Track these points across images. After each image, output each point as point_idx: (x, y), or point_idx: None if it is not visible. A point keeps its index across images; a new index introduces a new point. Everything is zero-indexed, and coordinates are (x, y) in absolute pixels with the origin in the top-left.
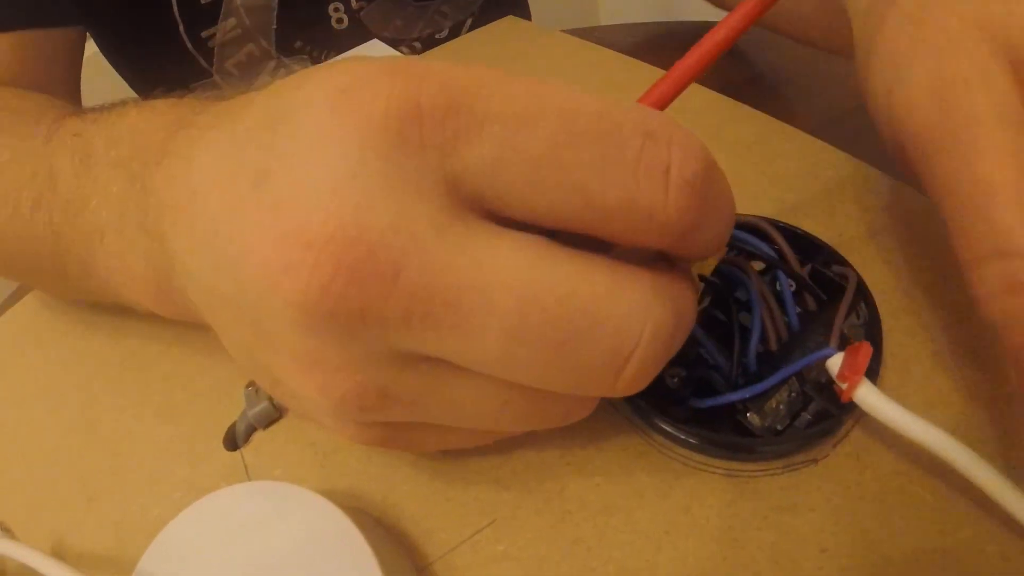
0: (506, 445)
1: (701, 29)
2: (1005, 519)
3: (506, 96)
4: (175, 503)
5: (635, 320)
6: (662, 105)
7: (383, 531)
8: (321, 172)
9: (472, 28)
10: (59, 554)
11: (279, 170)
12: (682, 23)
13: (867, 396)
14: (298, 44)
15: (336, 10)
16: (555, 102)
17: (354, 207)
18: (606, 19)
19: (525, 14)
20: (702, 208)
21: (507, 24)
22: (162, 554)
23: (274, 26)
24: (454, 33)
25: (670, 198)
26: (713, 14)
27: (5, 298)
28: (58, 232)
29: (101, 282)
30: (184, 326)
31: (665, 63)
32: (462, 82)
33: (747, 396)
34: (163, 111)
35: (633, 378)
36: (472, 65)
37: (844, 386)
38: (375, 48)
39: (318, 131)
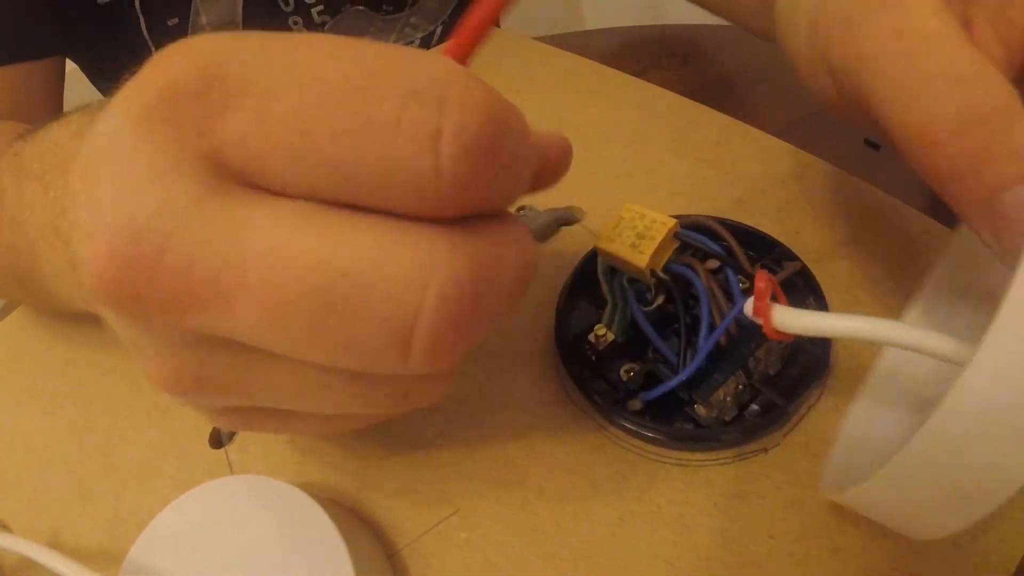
0: (471, 440)
1: (686, 32)
2: None
3: (260, 65)
4: (164, 499)
5: (413, 282)
6: (465, 55)
7: (355, 520)
8: (106, 165)
9: (443, 37)
10: (54, 548)
11: (89, 166)
12: (666, 26)
13: (784, 316)
14: None
15: (296, 23)
16: (309, 65)
17: (128, 195)
18: (591, 23)
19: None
20: (486, 173)
21: None
22: (150, 545)
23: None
24: (425, 43)
25: (442, 168)
26: (699, 16)
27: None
28: (12, 247)
29: (49, 290)
30: None
31: (648, 67)
32: (219, 56)
33: (684, 379)
34: (76, 120)
35: (427, 350)
36: (240, 33)
37: (761, 320)
38: None
39: (114, 119)
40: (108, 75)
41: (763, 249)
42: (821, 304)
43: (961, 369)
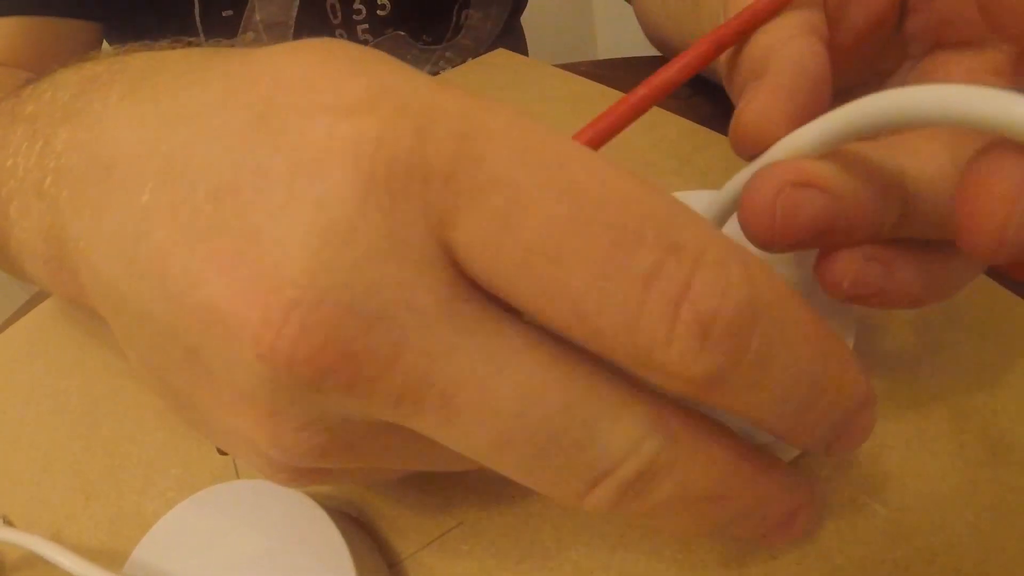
0: None
1: None
2: (957, 534)
3: (514, 156)
4: (168, 501)
5: (622, 445)
6: (599, 143)
7: (359, 529)
8: (312, 211)
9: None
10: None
11: (253, 191)
12: None
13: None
14: None
15: (340, 36)
16: (569, 178)
17: (352, 266)
18: (604, 53)
19: (523, 52)
20: (726, 362)
21: (498, 57)
22: (154, 546)
23: (291, 34)
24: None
25: (674, 338)
26: None
27: (15, 310)
28: None
29: (12, 255)
30: None
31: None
32: (473, 128)
33: None
34: (88, 65)
35: (598, 507)
36: (488, 104)
37: None
38: None
39: (312, 156)
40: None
41: None
42: None
43: None
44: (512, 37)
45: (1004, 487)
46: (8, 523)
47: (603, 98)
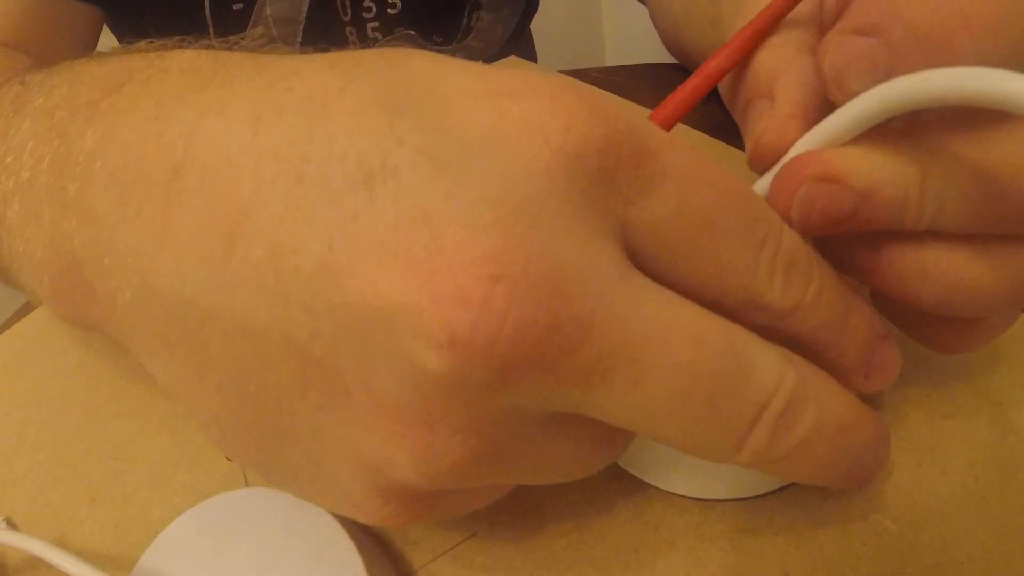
0: None
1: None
2: (966, 552)
3: (678, 153)
4: (175, 506)
5: (773, 374)
6: (670, 124)
7: (371, 540)
8: (499, 187)
9: None
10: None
11: (413, 173)
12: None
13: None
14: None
15: (351, 33)
16: (709, 168)
17: (547, 238)
18: (612, 60)
19: (531, 58)
20: (803, 288)
21: (510, 64)
22: (162, 553)
23: (298, 40)
24: None
25: (775, 278)
26: None
27: (17, 310)
28: None
29: (3, 263)
30: None
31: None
32: (645, 129)
33: None
34: (116, 60)
35: (758, 442)
36: (633, 110)
37: None
38: None
39: (484, 135)
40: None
41: None
42: None
43: None
44: (522, 43)
45: (1013, 507)
46: (11, 526)
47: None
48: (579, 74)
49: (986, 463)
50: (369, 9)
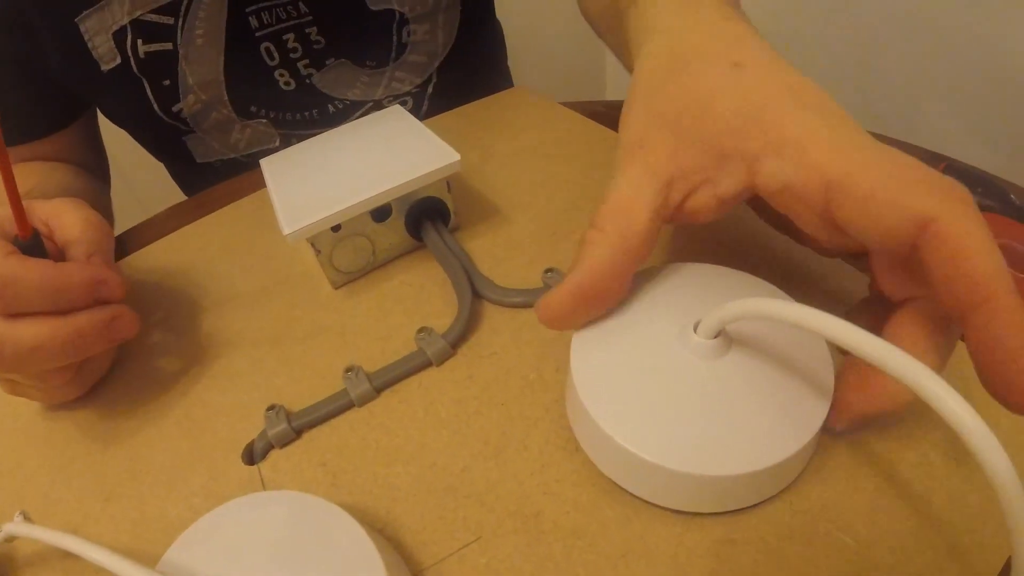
0: (493, 476)
1: None
2: (918, 570)
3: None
4: (193, 508)
5: None
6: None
7: (385, 540)
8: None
9: (437, 90)
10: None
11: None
12: None
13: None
14: (253, 108)
15: (282, 75)
16: None
17: None
18: (612, 94)
19: (500, 77)
20: None
21: (515, 95)
22: (188, 548)
23: (225, 97)
24: (418, 98)
25: None
26: None
27: None
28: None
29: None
30: (204, 348)
31: None
32: None
33: None
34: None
35: None
36: None
37: None
38: (397, 112)
39: None
40: (124, 126)
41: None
42: None
43: None
44: (498, 78)
45: (962, 530)
46: (28, 520)
47: (606, 141)
48: (584, 106)
49: (940, 491)
50: (295, 49)
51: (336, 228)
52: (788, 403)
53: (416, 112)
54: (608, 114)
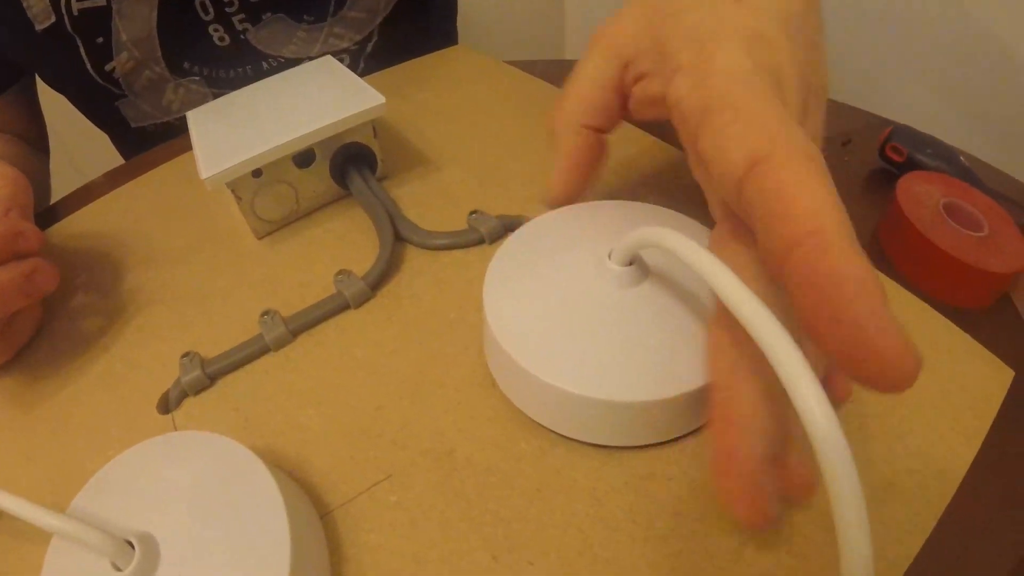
0: (407, 414)
1: None
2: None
3: None
4: (109, 459)
5: None
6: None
7: (292, 481)
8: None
9: (377, 48)
10: None
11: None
12: None
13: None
14: (186, 65)
15: (216, 30)
16: None
17: None
18: (571, 54)
19: (445, 39)
20: None
21: (457, 52)
22: (95, 494)
23: (159, 53)
24: (355, 55)
25: None
26: None
27: None
28: None
29: None
30: (127, 306)
31: None
32: None
33: None
34: None
35: None
36: None
37: None
38: (328, 62)
39: None
40: (56, 87)
41: None
42: None
43: None
44: (443, 40)
45: (897, 467)
46: None
47: (552, 98)
48: (527, 65)
49: (875, 426)
50: (231, 3)
51: (257, 173)
52: (702, 331)
53: (352, 71)
54: (549, 71)
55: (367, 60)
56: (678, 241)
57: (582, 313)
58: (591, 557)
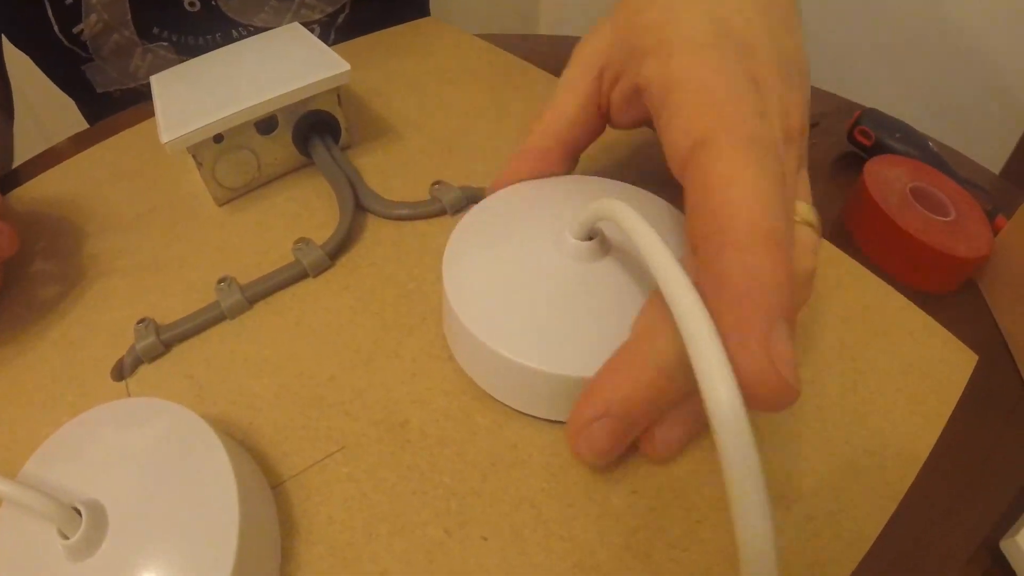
0: (361, 385)
1: None
2: (814, 491)
3: None
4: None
5: None
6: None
7: (243, 450)
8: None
9: (345, 23)
10: None
11: None
12: None
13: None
14: (155, 30)
15: (191, 3)
16: None
17: None
18: (545, 30)
19: (418, 13)
20: None
21: (427, 25)
22: (45, 459)
23: (128, 17)
24: (326, 27)
25: None
26: None
27: None
28: None
29: None
30: (85, 272)
31: None
32: None
33: None
34: None
35: None
36: None
37: None
38: (294, 29)
39: None
40: (20, 46)
41: None
42: None
43: None
44: (415, 14)
45: (856, 448)
46: None
47: (523, 74)
48: (499, 39)
49: (833, 408)
50: None
51: (218, 139)
52: None
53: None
54: (521, 45)
55: (338, 32)
56: (625, 213)
57: (542, 287)
58: (545, 532)
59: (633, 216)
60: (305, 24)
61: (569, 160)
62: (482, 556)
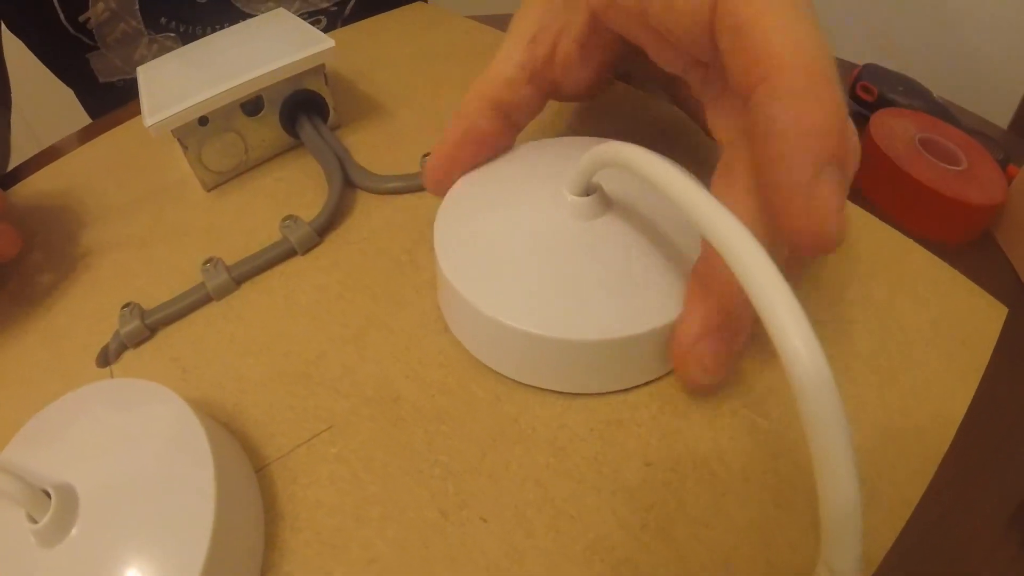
0: (351, 360)
1: None
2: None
3: None
4: None
5: None
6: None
7: (226, 433)
8: None
9: (352, 14)
10: None
11: None
12: None
13: None
14: (163, 20)
15: None
16: None
17: None
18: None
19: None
20: None
21: (415, 10)
22: (27, 441)
23: (136, 6)
24: (332, 17)
25: None
26: None
27: None
28: None
29: None
30: (74, 261)
31: None
32: None
33: None
34: None
35: None
36: None
37: None
38: (281, 14)
39: None
40: (21, 35)
41: None
42: None
43: None
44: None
45: (890, 409)
46: None
47: None
48: (491, 19)
49: (863, 368)
50: None
51: (203, 121)
52: (671, 265)
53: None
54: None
55: (344, 23)
56: (635, 154)
57: (540, 248)
58: (552, 512)
59: (646, 155)
60: (313, 14)
61: (508, 128)
62: (482, 540)
